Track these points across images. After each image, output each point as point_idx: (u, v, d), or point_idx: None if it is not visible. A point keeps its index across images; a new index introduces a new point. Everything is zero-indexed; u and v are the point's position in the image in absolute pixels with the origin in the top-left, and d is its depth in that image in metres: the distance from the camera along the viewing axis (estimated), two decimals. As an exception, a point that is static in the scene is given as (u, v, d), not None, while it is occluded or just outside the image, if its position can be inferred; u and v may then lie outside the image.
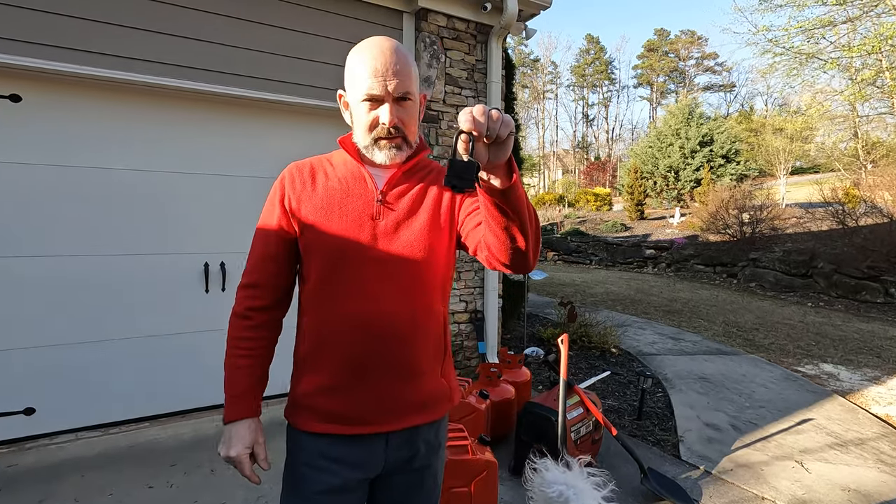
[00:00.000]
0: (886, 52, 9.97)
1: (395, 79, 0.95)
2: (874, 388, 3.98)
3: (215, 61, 2.85)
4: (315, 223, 1.01)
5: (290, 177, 1.07)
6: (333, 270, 0.99)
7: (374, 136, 0.99)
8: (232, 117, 3.06)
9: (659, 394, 3.74)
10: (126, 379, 2.89)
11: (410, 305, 1.01)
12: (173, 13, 2.74)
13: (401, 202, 1.04)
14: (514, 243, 0.87)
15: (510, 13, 3.59)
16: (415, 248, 1.01)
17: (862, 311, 7.61)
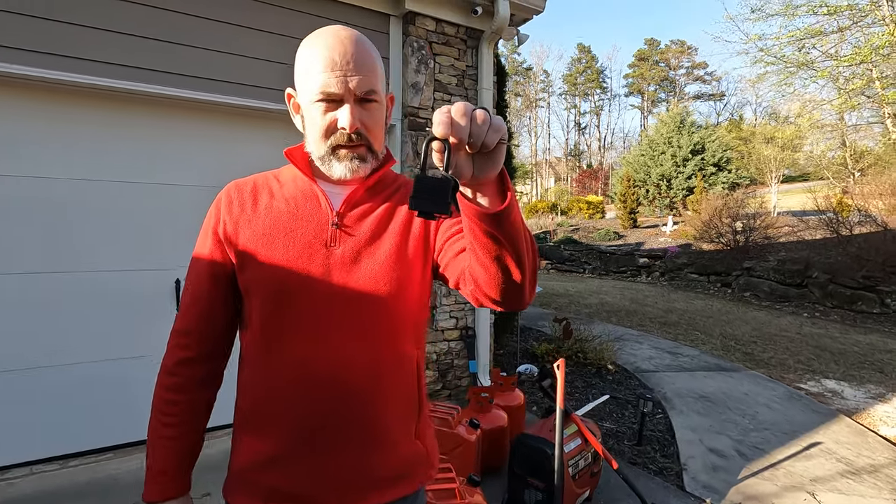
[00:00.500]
0: (876, 62, 9.99)
1: (356, 74, 0.77)
2: (880, 407, 3.83)
3: (179, 64, 2.66)
4: (255, 253, 0.82)
5: (227, 198, 0.88)
6: (277, 311, 0.81)
7: (332, 143, 0.81)
8: (208, 124, 2.86)
9: (659, 415, 3.56)
10: (86, 406, 2.66)
11: (374, 353, 0.82)
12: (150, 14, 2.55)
13: (362, 225, 0.85)
14: (508, 277, 0.69)
15: (501, 17, 3.44)
16: (379, 282, 0.82)
17: (858, 322, 7.51)
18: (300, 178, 0.89)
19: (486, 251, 0.66)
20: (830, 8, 10.21)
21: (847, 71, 10.60)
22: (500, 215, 0.61)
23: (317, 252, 0.82)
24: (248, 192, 0.89)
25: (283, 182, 0.90)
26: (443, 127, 0.53)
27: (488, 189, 0.61)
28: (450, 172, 0.56)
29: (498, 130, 0.55)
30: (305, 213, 0.85)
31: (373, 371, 0.82)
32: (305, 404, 0.79)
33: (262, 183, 0.90)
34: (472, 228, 0.64)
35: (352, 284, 0.82)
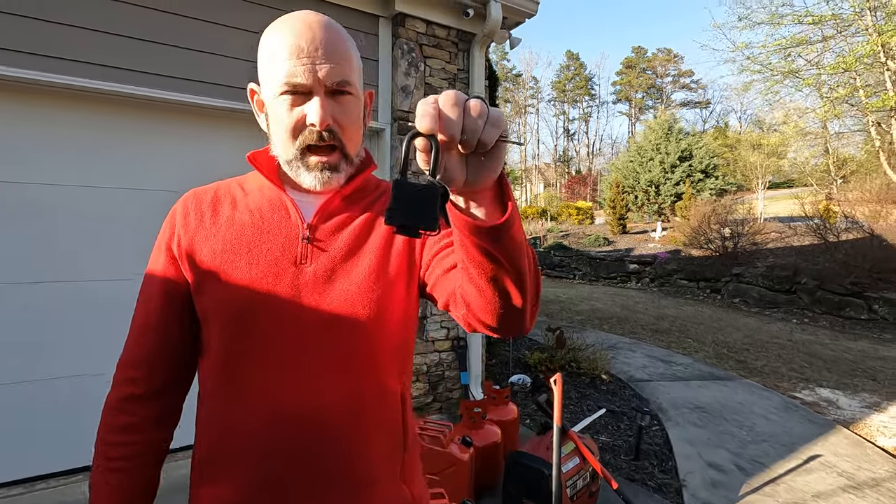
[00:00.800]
0: (860, 71, 10.14)
1: (326, 62, 0.66)
2: (876, 417, 3.79)
3: (154, 63, 2.53)
4: (214, 272, 0.71)
5: (184, 210, 0.77)
6: (238, 338, 0.70)
7: (301, 144, 0.70)
8: (189, 126, 2.73)
9: (655, 427, 3.47)
10: (56, 424, 2.49)
11: (351, 385, 0.71)
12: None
13: (337, 240, 0.74)
14: (506, 301, 0.59)
15: (494, 20, 3.36)
16: (356, 304, 0.71)
17: (847, 328, 7.54)
18: (267, 187, 0.78)
19: (480, 271, 0.56)
20: (815, 17, 10.35)
21: (831, 79, 10.75)
22: (499, 230, 0.50)
23: (285, 270, 0.71)
24: (207, 202, 0.77)
25: (249, 191, 0.79)
26: (428, 120, 0.43)
27: (484, 198, 0.51)
28: (437, 178, 0.46)
29: (496, 125, 0.45)
30: (272, 226, 0.74)
31: (350, 406, 0.71)
32: (271, 445, 0.68)
33: (224, 192, 0.79)
34: (464, 244, 0.54)
35: (325, 307, 0.71)
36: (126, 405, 0.74)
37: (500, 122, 0.46)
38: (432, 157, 0.44)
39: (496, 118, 0.45)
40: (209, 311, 0.71)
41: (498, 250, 0.52)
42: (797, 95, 11.52)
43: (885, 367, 5.22)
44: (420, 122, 0.43)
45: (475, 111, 0.44)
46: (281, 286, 0.70)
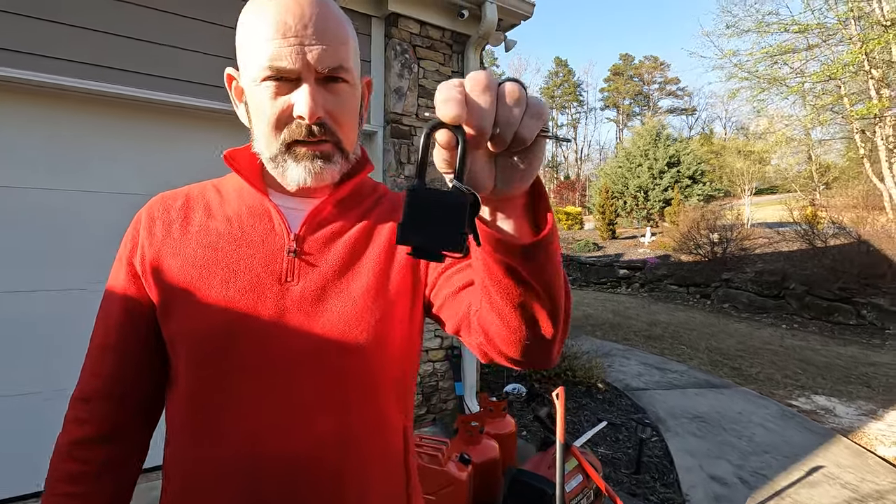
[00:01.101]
0: (845, 79, 10.29)
1: (318, 43, 0.56)
2: (874, 425, 3.75)
3: (127, 59, 2.40)
4: (183, 291, 0.61)
5: (149, 217, 0.66)
6: (211, 369, 0.59)
7: (285, 139, 0.59)
8: (169, 126, 2.60)
9: (654, 438, 3.39)
10: (8, 447, 2.32)
11: (345, 423, 0.61)
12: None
13: (329, 253, 0.64)
14: (535, 331, 0.49)
15: (489, 22, 3.28)
16: (352, 327, 0.61)
17: (836, 334, 7.58)
18: (247, 191, 0.67)
19: (505, 296, 0.46)
20: (801, 26, 10.49)
21: (816, 87, 10.90)
22: (534, 249, 0.41)
23: (268, 289, 0.61)
24: (176, 208, 0.66)
25: (226, 195, 0.68)
26: (453, 106, 0.34)
27: (514, 207, 0.42)
28: (465, 182, 0.37)
29: (538, 115, 0.36)
30: (253, 237, 0.64)
31: (345, 446, 0.61)
32: (252, 494, 0.58)
33: (197, 196, 0.68)
34: (486, 263, 0.45)
35: (315, 331, 0.60)
36: (78, 450, 0.63)
37: (541, 112, 0.36)
38: (458, 155, 0.35)
39: (537, 108, 0.36)
40: (177, 338, 0.61)
41: (530, 272, 0.43)
42: (783, 103, 11.66)
43: (877, 374, 5.22)
44: (442, 110, 0.34)
45: (512, 97, 0.35)
46: (263, 307, 0.60)
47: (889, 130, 9.74)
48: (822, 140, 15.91)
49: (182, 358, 0.61)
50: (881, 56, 9.83)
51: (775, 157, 19.90)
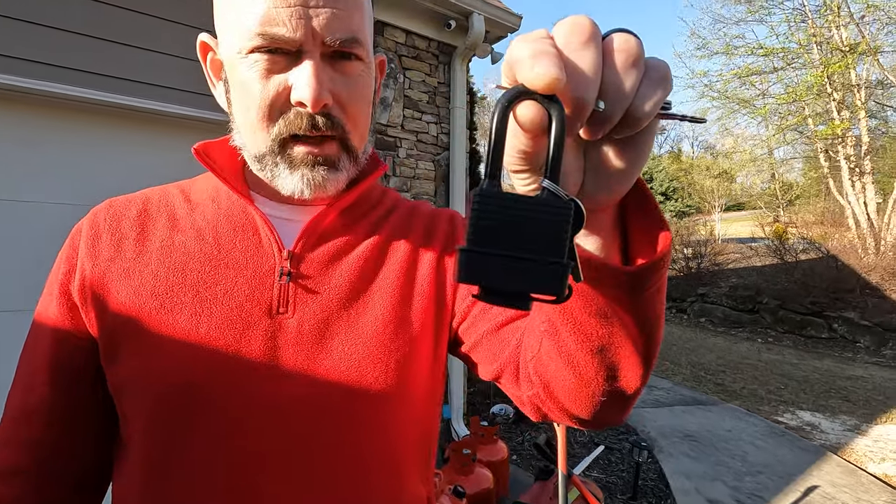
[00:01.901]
0: (808, 101, 10.74)
1: (326, 4, 0.42)
2: (861, 441, 3.75)
3: (74, 57, 2.21)
4: (140, 325, 0.46)
5: (92, 229, 0.50)
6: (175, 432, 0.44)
7: (280, 132, 0.45)
8: (129, 131, 2.40)
9: (649, 460, 3.29)
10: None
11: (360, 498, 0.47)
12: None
13: (333, 276, 0.50)
14: (614, 383, 0.37)
15: (476, 33, 3.21)
16: (366, 372, 0.47)
17: (811, 347, 7.72)
18: (225, 195, 0.53)
19: (583, 339, 0.35)
20: (766, 49, 10.93)
21: (782, 108, 11.33)
22: (643, 276, 0.31)
23: (254, 324, 0.47)
24: (130, 218, 0.51)
25: (196, 202, 0.53)
26: (549, 64, 0.22)
27: (601, 220, 0.31)
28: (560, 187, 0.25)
29: (661, 83, 0.25)
30: (234, 256, 0.49)
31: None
32: None
33: (157, 203, 0.53)
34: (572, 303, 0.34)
35: (318, 377, 0.46)
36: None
37: (665, 78, 0.25)
38: (551, 141, 0.24)
39: (659, 72, 0.25)
40: (128, 388, 0.46)
41: (627, 308, 0.32)
42: (751, 123, 12.10)
43: (855, 387, 5.29)
44: (531, 69, 0.23)
45: (626, 56, 0.24)
46: (248, 348, 0.45)
47: (850, 150, 10.16)
48: (784, 159, 16.55)
49: (135, 415, 0.46)
50: (840, 79, 10.31)
51: (741, 176, 20.64)
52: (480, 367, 0.52)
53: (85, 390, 0.49)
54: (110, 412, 0.50)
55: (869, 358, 6.95)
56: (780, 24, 11.16)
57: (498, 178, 0.25)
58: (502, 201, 0.24)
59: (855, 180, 10.08)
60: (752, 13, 11.47)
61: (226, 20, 0.45)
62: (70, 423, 0.49)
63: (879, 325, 7.50)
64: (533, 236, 0.24)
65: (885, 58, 10.19)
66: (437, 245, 0.55)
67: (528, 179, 0.29)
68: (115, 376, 0.46)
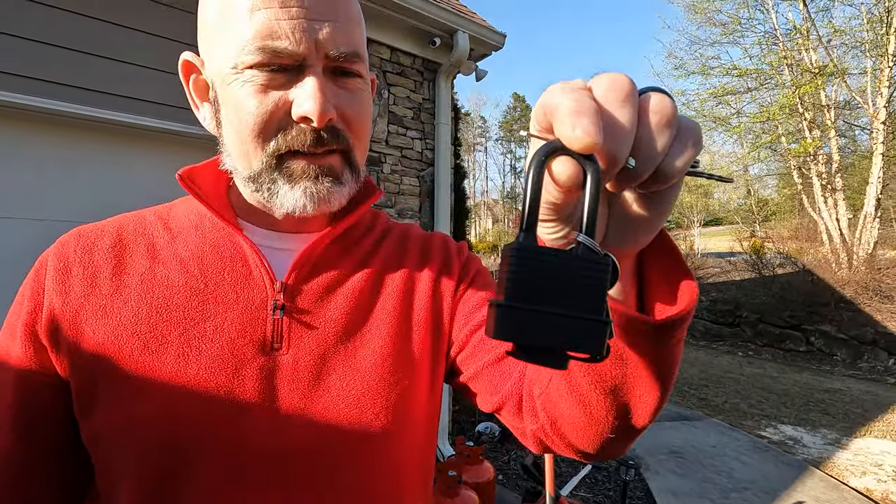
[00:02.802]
0: (781, 120, 11.10)
1: (329, 20, 0.41)
2: (842, 455, 3.79)
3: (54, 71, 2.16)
4: (118, 364, 0.42)
5: (60, 263, 0.46)
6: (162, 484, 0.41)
7: (277, 148, 0.42)
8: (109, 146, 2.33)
9: (636, 478, 3.26)
10: None
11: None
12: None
13: (329, 307, 0.48)
14: (625, 421, 0.37)
15: (461, 51, 3.24)
16: (365, 410, 0.45)
17: (789, 360, 7.85)
18: (209, 224, 0.49)
19: (596, 380, 0.35)
20: (740, 70, 11.32)
21: (756, 126, 11.69)
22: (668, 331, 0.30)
23: (246, 363, 0.43)
24: (104, 249, 0.47)
25: (177, 230, 0.50)
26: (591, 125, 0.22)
27: (626, 268, 0.31)
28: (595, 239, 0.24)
29: (692, 143, 0.26)
30: (222, 289, 0.46)
31: None
32: None
33: (133, 232, 0.49)
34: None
35: (316, 418, 0.43)
36: None
37: (696, 139, 0.26)
38: (587, 197, 0.24)
39: (691, 134, 0.26)
40: (106, 437, 0.41)
41: (645, 353, 0.31)
42: (727, 140, 12.46)
43: (833, 400, 5.37)
44: (572, 128, 0.22)
45: (661, 117, 0.24)
46: (241, 388, 0.42)
47: (822, 167, 10.50)
48: (759, 176, 17.02)
49: (116, 469, 0.41)
50: (811, 100, 10.70)
51: (718, 192, 21.16)
52: (480, 398, 0.50)
53: (51, 438, 0.45)
54: (80, 464, 0.45)
55: (846, 371, 7.09)
56: (753, 46, 11.60)
57: (534, 231, 0.24)
58: (539, 256, 0.23)
59: (827, 196, 10.40)
60: (726, 35, 11.88)
61: (217, 36, 0.42)
62: (32, 473, 0.44)
63: (855, 338, 7.67)
64: (570, 292, 0.23)
65: (851, 80, 10.63)
66: (433, 272, 0.54)
67: (554, 229, 0.29)
68: (92, 426, 0.42)
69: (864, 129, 11.37)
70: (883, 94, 9.32)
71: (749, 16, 11.57)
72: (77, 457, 0.45)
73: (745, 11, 11.52)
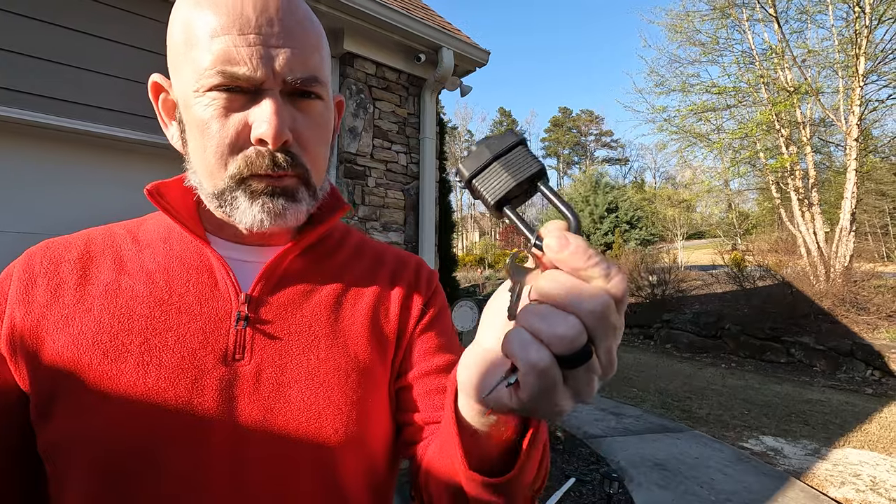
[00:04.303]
0: (759, 136, 11.41)
1: (286, 45, 0.43)
2: (821, 466, 3.84)
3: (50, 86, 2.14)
4: (77, 378, 0.42)
5: (25, 274, 0.47)
6: (119, 495, 0.41)
7: (238, 170, 0.44)
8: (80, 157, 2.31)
9: (620, 490, 3.26)
10: None
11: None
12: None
13: (294, 320, 0.49)
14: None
15: (445, 67, 3.29)
16: (325, 424, 0.46)
17: (770, 372, 7.96)
18: (178, 236, 0.51)
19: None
20: (719, 88, 11.64)
21: (735, 142, 12.00)
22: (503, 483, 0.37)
23: (207, 373, 0.44)
24: (70, 261, 0.48)
25: (145, 243, 0.51)
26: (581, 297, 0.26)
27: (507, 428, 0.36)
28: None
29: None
30: (187, 300, 0.47)
31: None
32: None
33: (101, 245, 0.50)
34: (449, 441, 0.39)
35: (275, 430, 0.44)
36: None
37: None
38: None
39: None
40: (63, 450, 0.41)
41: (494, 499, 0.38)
42: (709, 156, 12.73)
43: (813, 411, 5.45)
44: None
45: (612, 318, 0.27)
46: (200, 399, 0.43)
47: (799, 182, 10.79)
48: (739, 190, 17.39)
49: (70, 480, 0.41)
50: (787, 117, 11.03)
51: (700, 206, 21.56)
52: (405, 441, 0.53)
53: (19, 459, 0.44)
54: (34, 470, 0.45)
55: (825, 381, 7.22)
56: (731, 65, 11.94)
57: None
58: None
59: (804, 210, 10.67)
60: (705, 54, 12.23)
61: (181, 59, 0.44)
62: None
63: (833, 349, 7.82)
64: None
65: (825, 98, 10.99)
66: (401, 294, 0.55)
67: None
68: (49, 435, 0.42)
69: (839, 146, 11.76)
70: (855, 112, 9.66)
71: (727, 36, 11.97)
72: (29, 466, 0.45)
73: (724, 32, 11.92)
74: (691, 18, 12.10)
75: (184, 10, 0.44)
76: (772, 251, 11.61)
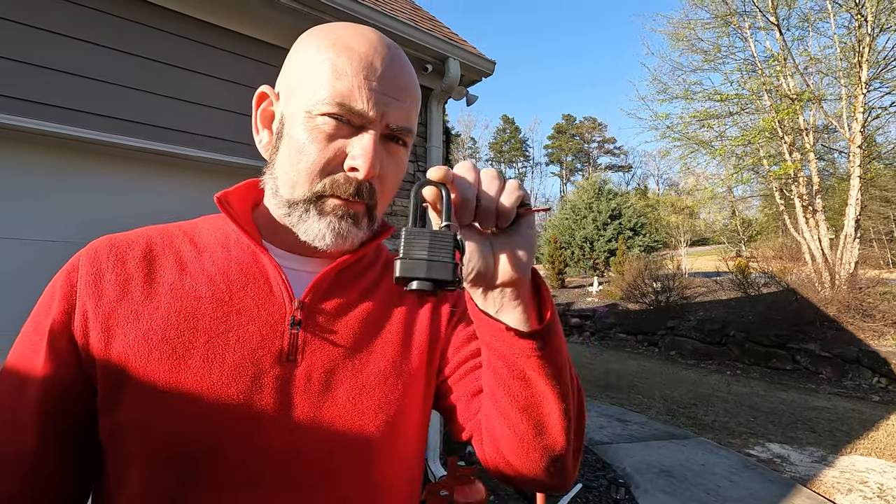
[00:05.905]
0: (762, 143, 11.43)
1: (397, 98, 0.50)
2: (828, 473, 3.83)
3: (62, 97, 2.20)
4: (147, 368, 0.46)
5: (93, 267, 0.50)
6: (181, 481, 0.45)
7: (321, 189, 0.50)
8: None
9: (626, 496, 3.27)
10: None
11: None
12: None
13: (341, 325, 0.54)
14: (543, 439, 0.47)
15: (452, 77, 3.34)
16: (367, 422, 0.51)
17: (776, 379, 7.93)
18: (236, 240, 0.55)
19: (510, 398, 0.46)
20: (722, 95, 11.69)
21: (739, 149, 12.02)
22: (537, 338, 0.43)
23: (265, 372, 0.48)
24: (135, 258, 0.51)
25: (203, 246, 0.55)
26: (439, 171, 0.40)
27: (517, 299, 0.43)
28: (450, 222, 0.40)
29: (514, 189, 0.42)
30: (245, 303, 0.51)
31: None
32: None
33: (162, 245, 0.54)
34: (491, 362, 0.46)
35: (324, 426, 0.48)
36: None
37: (517, 185, 0.42)
38: (443, 206, 0.40)
39: (514, 183, 0.42)
40: (127, 436, 0.45)
41: (534, 367, 0.44)
42: (712, 163, 12.76)
43: (819, 418, 5.43)
44: (431, 172, 0.40)
45: (489, 174, 0.42)
46: (260, 395, 0.47)
47: (803, 189, 10.80)
48: (743, 197, 17.39)
49: (133, 465, 0.45)
50: (790, 124, 11.06)
51: (703, 212, 21.54)
52: (454, 427, 0.58)
53: (72, 438, 0.48)
54: (93, 460, 0.49)
55: (831, 388, 7.19)
56: (734, 72, 12.00)
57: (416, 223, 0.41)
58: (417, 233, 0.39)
59: (808, 217, 10.66)
60: (707, 62, 12.29)
61: (301, 83, 0.50)
62: (49, 475, 0.48)
63: (839, 356, 7.80)
64: (435, 248, 0.39)
65: (828, 105, 11.03)
66: (430, 302, 0.61)
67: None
68: (114, 420, 0.46)
69: (842, 153, 11.76)
70: (858, 119, 9.68)
71: (729, 44, 12.03)
72: (90, 451, 0.49)
73: (726, 39, 11.98)
74: (693, 26, 12.18)
75: (320, 44, 0.50)
76: (776, 258, 11.59)
